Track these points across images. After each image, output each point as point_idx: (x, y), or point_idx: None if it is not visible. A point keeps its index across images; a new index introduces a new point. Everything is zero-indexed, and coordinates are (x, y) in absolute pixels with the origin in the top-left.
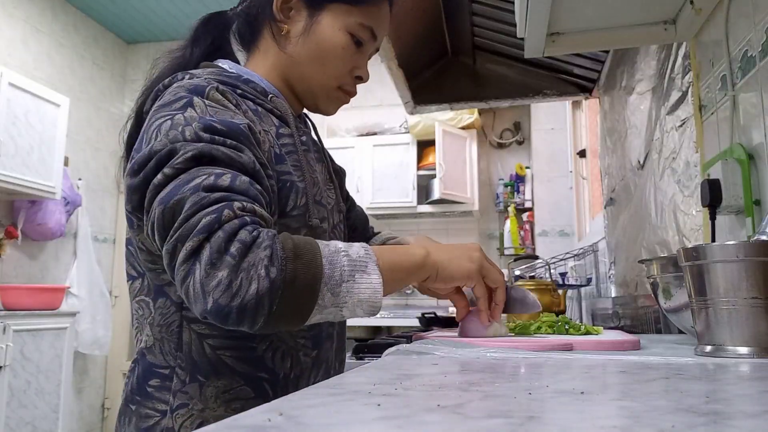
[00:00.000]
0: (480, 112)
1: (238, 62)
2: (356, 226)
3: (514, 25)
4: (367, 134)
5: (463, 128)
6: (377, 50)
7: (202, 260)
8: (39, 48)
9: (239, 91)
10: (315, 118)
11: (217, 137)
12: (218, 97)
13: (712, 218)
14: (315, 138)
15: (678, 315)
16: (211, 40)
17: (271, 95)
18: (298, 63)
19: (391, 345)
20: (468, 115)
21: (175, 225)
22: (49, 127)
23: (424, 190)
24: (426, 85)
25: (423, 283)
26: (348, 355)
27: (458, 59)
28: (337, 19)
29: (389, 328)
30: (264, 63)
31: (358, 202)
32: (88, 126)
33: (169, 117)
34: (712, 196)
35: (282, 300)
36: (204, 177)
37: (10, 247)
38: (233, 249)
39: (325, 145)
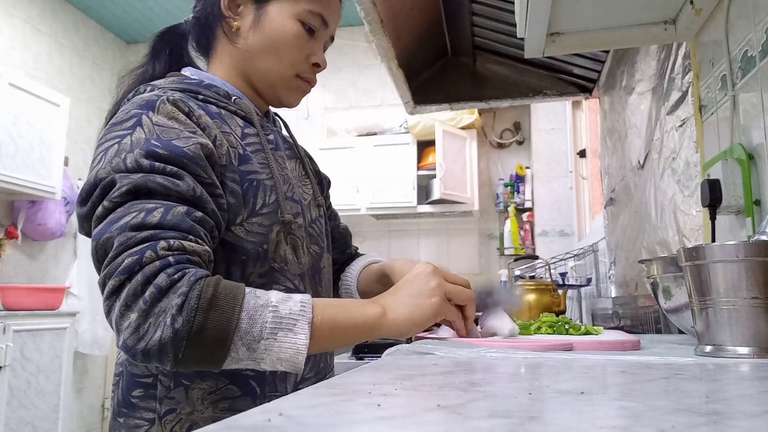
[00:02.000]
0: (480, 112)
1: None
2: (335, 236)
3: (514, 25)
4: (367, 134)
5: (463, 128)
6: (332, 38)
7: (120, 300)
8: (39, 48)
9: (201, 97)
10: (315, 118)
11: (157, 164)
12: (168, 109)
13: (712, 218)
14: (286, 136)
15: (678, 315)
16: (169, 52)
17: (234, 97)
18: (253, 56)
19: (391, 345)
20: (468, 115)
21: (105, 262)
22: (49, 127)
23: (424, 190)
24: (426, 85)
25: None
26: (348, 355)
27: (458, 59)
28: (285, 9)
29: None
30: (222, 64)
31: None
32: (88, 126)
33: (117, 140)
34: (712, 196)
35: (188, 349)
36: (134, 215)
37: (10, 247)
38: (147, 294)
39: (325, 146)
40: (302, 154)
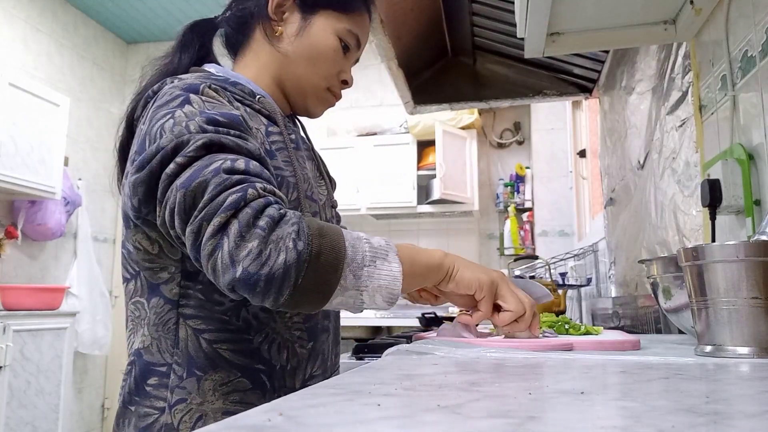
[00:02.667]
0: (480, 112)
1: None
2: None
3: (514, 25)
4: (367, 134)
5: (463, 128)
6: (358, 60)
7: (231, 233)
8: (39, 48)
9: (228, 93)
10: (318, 119)
11: (221, 128)
12: (213, 94)
13: (712, 218)
14: (304, 137)
15: (678, 315)
16: (198, 45)
17: (258, 96)
18: (292, 62)
19: (391, 345)
20: (468, 115)
21: (200, 205)
22: (49, 127)
23: (424, 190)
24: (426, 85)
25: (437, 285)
26: (348, 355)
27: (458, 59)
28: (329, 24)
29: (389, 328)
30: (255, 64)
31: (358, 202)
32: (88, 126)
33: (169, 115)
34: (712, 196)
35: (307, 273)
36: (221, 161)
37: (10, 247)
38: (262, 222)
39: (325, 146)
40: (317, 156)
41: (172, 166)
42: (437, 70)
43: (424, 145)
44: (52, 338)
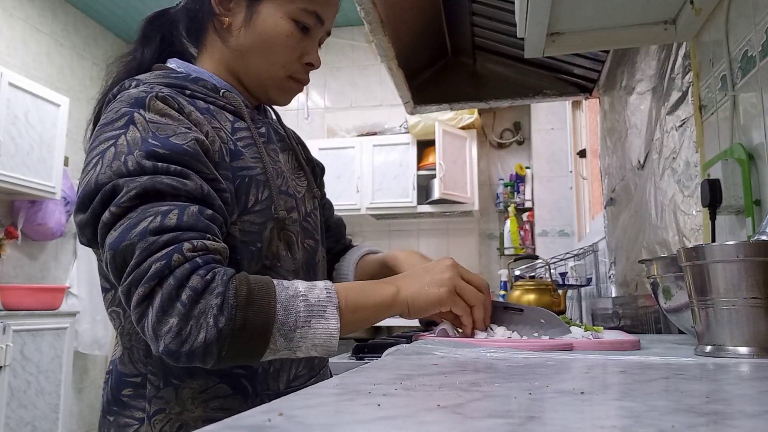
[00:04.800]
0: (480, 112)
1: (191, 59)
2: (330, 228)
3: (514, 25)
4: (367, 134)
5: (463, 128)
6: (328, 34)
7: (154, 306)
8: (39, 48)
9: (188, 92)
10: (315, 118)
11: (160, 165)
12: (159, 106)
13: (712, 218)
14: (278, 127)
15: (678, 315)
16: (159, 38)
17: (222, 90)
18: (243, 55)
19: (391, 345)
20: (468, 115)
21: (128, 270)
22: (49, 127)
23: (424, 190)
24: (426, 85)
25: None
26: (348, 355)
27: (458, 59)
28: (279, 7)
29: (389, 328)
30: (212, 59)
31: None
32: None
33: (112, 141)
34: (712, 196)
35: (231, 347)
36: (150, 219)
37: (10, 247)
38: (184, 296)
39: (325, 146)
40: (295, 144)
41: (107, 214)
42: (437, 70)
43: (424, 145)
44: (52, 338)
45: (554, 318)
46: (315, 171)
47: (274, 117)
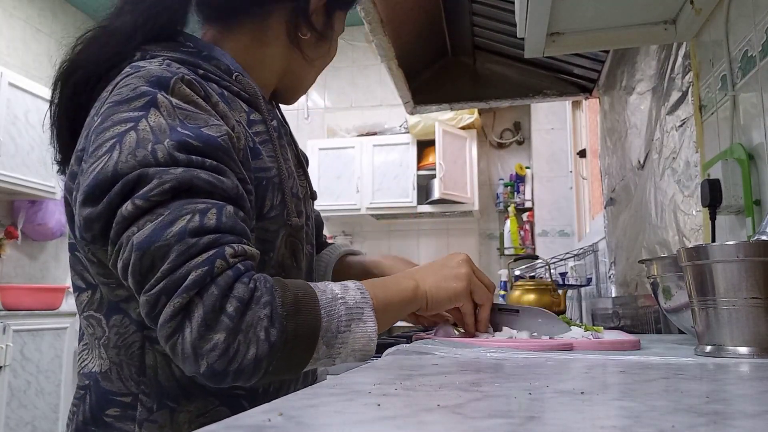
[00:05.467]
0: (480, 112)
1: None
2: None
3: (514, 25)
4: (367, 134)
5: (463, 128)
6: None
7: (194, 320)
8: (39, 48)
9: (201, 72)
10: (315, 118)
11: (194, 158)
12: (186, 92)
13: (712, 218)
14: (281, 119)
15: (678, 315)
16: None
17: (236, 74)
18: (306, 65)
19: (391, 345)
20: (468, 115)
21: (158, 275)
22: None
23: (424, 190)
24: (426, 85)
25: (413, 314)
26: None
27: (458, 59)
28: (338, 26)
29: (389, 328)
30: (258, 51)
31: (358, 202)
32: None
33: (131, 125)
34: (712, 196)
35: (280, 360)
36: (188, 217)
37: (10, 247)
38: (230, 308)
39: (325, 146)
40: (294, 140)
41: (129, 206)
42: (437, 70)
43: (424, 145)
44: (52, 338)
45: (551, 316)
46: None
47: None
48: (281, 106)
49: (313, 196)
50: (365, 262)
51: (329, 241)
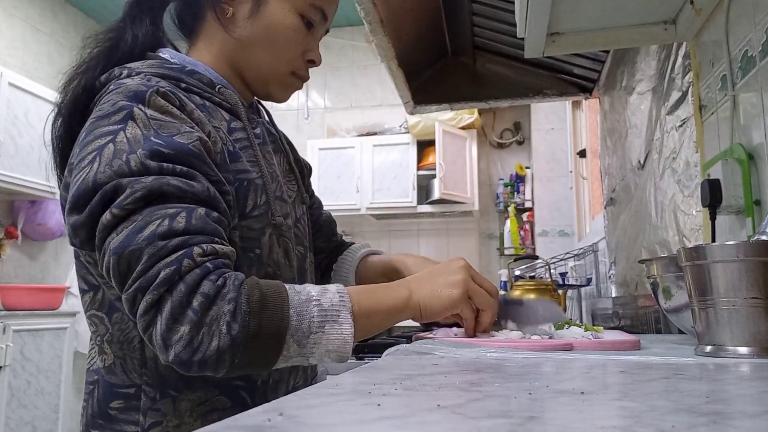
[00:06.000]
0: (480, 112)
1: (178, 51)
2: (321, 226)
3: (514, 25)
4: (367, 134)
5: (463, 128)
6: (327, 31)
7: (163, 313)
8: (39, 48)
9: (183, 85)
10: (315, 118)
11: (165, 165)
12: (160, 103)
13: (712, 218)
14: (269, 127)
15: (678, 315)
16: (148, 22)
17: (219, 86)
18: (247, 47)
19: (391, 345)
20: (468, 115)
21: (133, 275)
22: (49, 127)
23: (424, 190)
24: (426, 85)
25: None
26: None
27: (458, 59)
28: (287, 1)
29: (389, 328)
30: (209, 49)
31: (358, 202)
32: None
33: (110, 138)
34: (712, 196)
35: (244, 354)
36: (158, 222)
37: (10, 247)
38: (195, 303)
39: (325, 146)
40: (285, 144)
41: (107, 215)
42: (437, 70)
43: (424, 145)
44: (52, 338)
45: (551, 304)
46: (303, 172)
47: (266, 117)
48: (274, 115)
49: (304, 200)
50: (387, 262)
51: (347, 240)
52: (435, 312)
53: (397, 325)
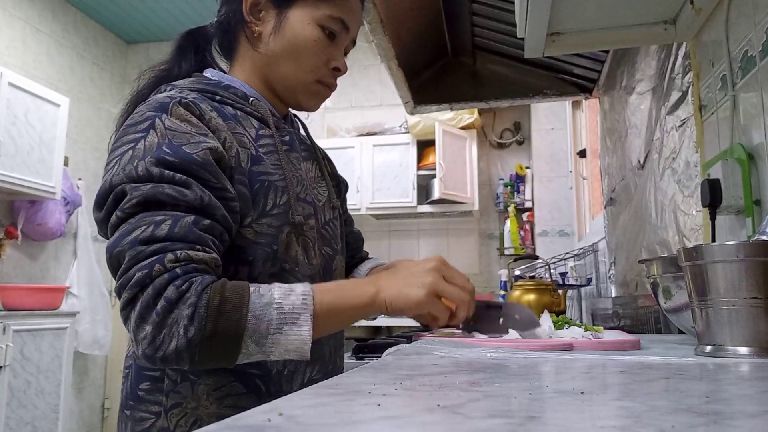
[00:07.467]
0: (480, 112)
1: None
2: (348, 241)
3: (514, 25)
4: (367, 134)
5: (463, 128)
6: (354, 42)
7: (135, 312)
8: (39, 48)
9: (218, 98)
10: (315, 118)
11: (166, 173)
12: (180, 112)
13: (712, 218)
14: (303, 137)
15: (678, 315)
16: (194, 51)
17: (252, 99)
18: (273, 61)
19: (391, 345)
20: (468, 115)
21: (118, 273)
22: (49, 127)
23: (424, 190)
24: (426, 85)
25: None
26: (348, 355)
27: (458, 59)
28: (306, 14)
29: (389, 328)
30: (243, 68)
31: (358, 202)
32: (88, 126)
33: (131, 145)
34: (712, 196)
35: (201, 353)
36: (143, 228)
37: (10, 247)
38: (159, 306)
39: (325, 146)
40: (320, 156)
41: (113, 217)
42: (437, 70)
43: (424, 145)
44: (52, 338)
45: (527, 313)
46: (339, 186)
47: (301, 129)
48: (311, 129)
49: (335, 205)
50: (390, 266)
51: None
52: (401, 310)
53: (397, 325)
